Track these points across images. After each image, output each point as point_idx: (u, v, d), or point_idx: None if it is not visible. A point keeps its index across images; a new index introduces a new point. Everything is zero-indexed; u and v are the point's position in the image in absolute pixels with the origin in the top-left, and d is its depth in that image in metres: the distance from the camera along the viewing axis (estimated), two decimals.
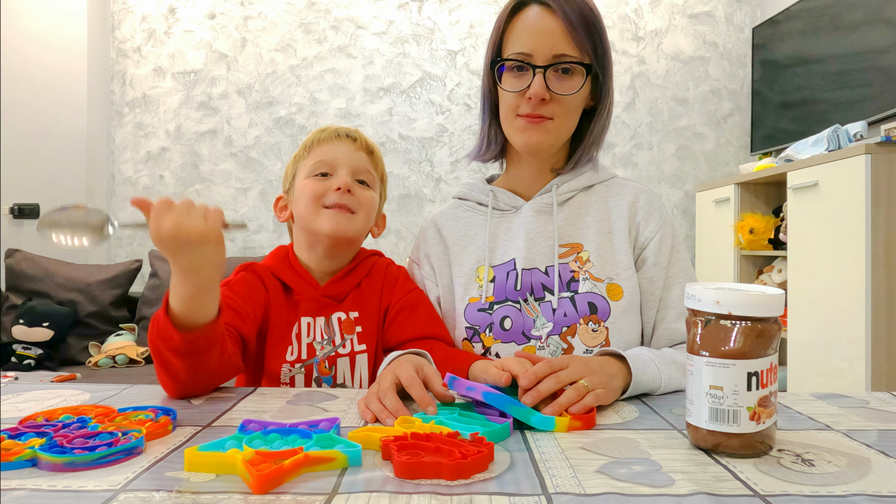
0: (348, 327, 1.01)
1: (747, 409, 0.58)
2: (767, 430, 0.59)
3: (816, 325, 2.20)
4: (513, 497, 0.50)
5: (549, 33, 0.92)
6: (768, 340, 0.59)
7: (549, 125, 0.95)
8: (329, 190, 0.98)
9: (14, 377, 2.36)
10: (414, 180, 3.40)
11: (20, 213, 3.09)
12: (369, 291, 1.04)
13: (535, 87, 0.92)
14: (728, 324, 0.59)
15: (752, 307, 0.58)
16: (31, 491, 0.51)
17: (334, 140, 1.02)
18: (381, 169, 1.08)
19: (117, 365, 2.67)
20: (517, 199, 1.05)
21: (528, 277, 0.99)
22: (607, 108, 1.01)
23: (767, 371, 0.59)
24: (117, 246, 3.44)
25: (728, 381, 0.58)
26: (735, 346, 0.58)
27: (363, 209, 1.00)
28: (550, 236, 1.01)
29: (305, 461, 0.55)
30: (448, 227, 1.08)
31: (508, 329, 0.98)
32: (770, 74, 3.11)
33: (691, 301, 0.61)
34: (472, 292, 1.02)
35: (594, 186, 1.05)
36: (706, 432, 0.60)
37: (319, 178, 0.99)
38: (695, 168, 3.40)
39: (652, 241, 1.00)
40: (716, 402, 0.59)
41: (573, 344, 0.95)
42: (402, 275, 1.07)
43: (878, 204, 1.94)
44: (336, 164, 1.00)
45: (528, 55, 0.93)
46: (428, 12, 3.40)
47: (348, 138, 1.03)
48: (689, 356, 0.62)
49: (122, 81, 3.42)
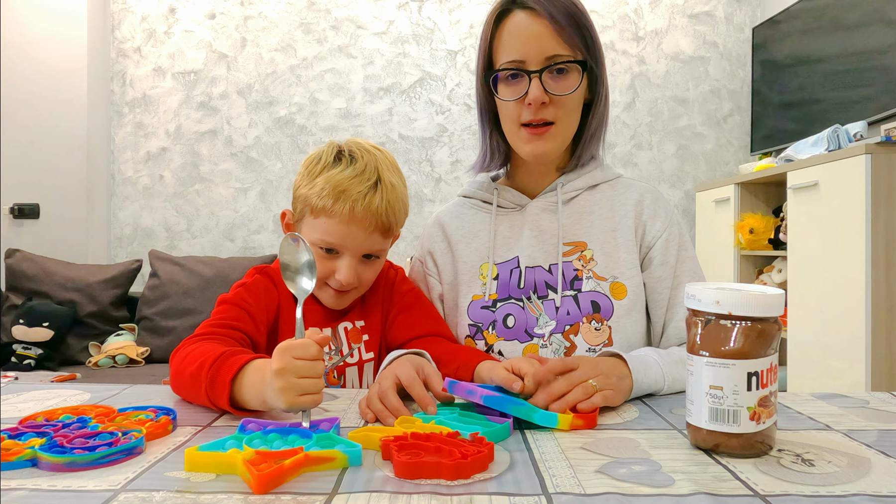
0: (355, 336, 1.01)
1: (747, 409, 0.58)
2: (767, 430, 0.59)
3: (816, 325, 2.20)
4: (513, 497, 0.50)
5: (537, 36, 0.91)
6: (768, 340, 0.59)
7: (552, 131, 0.95)
8: (331, 275, 0.94)
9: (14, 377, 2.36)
10: (414, 180, 3.40)
11: (20, 212, 3.09)
12: (372, 300, 1.03)
13: (534, 92, 0.91)
14: (728, 324, 0.59)
15: (752, 307, 0.58)
16: (31, 491, 0.51)
17: (347, 222, 0.91)
18: (401, 223, 0.99)
19: (117, 365, 2.67)
20: (522, 198, 1.05)
21: (531, 275, 0.99)
22: (603, 99, 1.00)
23: (767, 371, 0.59)
24: (117, 246, 3.44)
25: (728, 381, 0.58)
26: (735, 346, 0.58)
27: (365, 284, 0.98)
28: (554, 234, 1.00)
29: (305, 461, 0.55)
30: (452, 225, 1.08)
31: (511, 327, 0.98)
32: (770, 74, 3.11)
33: (691, 301, 0.61)
34: (475, 290, 1.02)
35: (599, 185, 1.04)
36: (706, 432, 0.60)
37: (325, 253, 0.93)
38: (695, 168, 3.40)
39: (659, 240, 1.00)
40: (716, 402, 0.59)
41: (576, 342, 0.95)
42: (399, 276, 1.07)
43: (878, 204, 1.94)
44: (344, 248, 0.93)
45: (520, 62, 0.93)
46: (428, 12, 3.40)
47: (364, 223, 0.91)
48: (690, 356, 0.62)
49: (122, 81, 3.42)
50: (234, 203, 3.41)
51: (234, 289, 0.96)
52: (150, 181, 3.42)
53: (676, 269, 1.00)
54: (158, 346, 2.76)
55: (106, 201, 3.40)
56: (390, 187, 0.94)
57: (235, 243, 3.42)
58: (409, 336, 1.00)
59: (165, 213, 3.43)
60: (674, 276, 0.99)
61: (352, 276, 0.93)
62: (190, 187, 3.42)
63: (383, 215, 0.93)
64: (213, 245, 3.42)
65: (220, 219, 3.42)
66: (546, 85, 0.92)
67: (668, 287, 0.99)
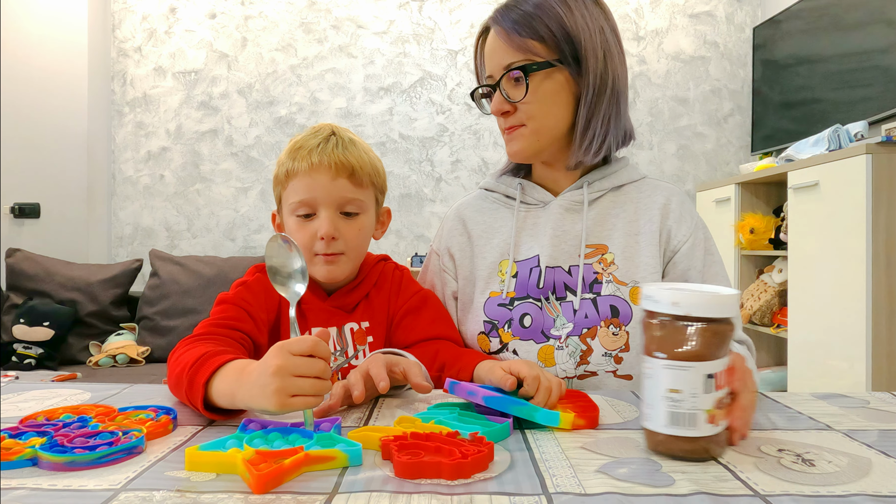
0: (360, 338, 0.99)
1: (705, 413, 0.57)
2: (721, 434, 0.59)
3: (817, 325, 2.20)
4: (513, 497, 0.50)
5: (496, 50, 0.96)
6: (723, 341, 0.58)
7: (522, 131, 0.98)
8: (314, 238, 0.93)
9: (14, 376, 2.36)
10: (414, 180, 3.40)
11: (21, 212, 3.09)
12: (378, 300, 1.02)
13: (494, 104, 0.98)
14: (686, 325, 0.58)
15: (710, 308, 0.57)
16: (31, 490, 0.51)
17: (309, 173, 0.92)
18: (371, 176, 0.98)
19: (118, 364, 2.68)
20: (546, 195, 1.04)
21: (550, 276, 0.98)
22: (593, 90, 0.95)
23: (723, 372, 0.58)
24: (117, 245, 3.44)
25: (687, 383, 0.57)
26: (693, 347, 0.57)
27: (353, 247, 0.96)
28: (576, 235, 1.00)
29: (305, 460, 0.55)
30: (473, 219, 1.08)
31: (528, 326, 0.97)
32: (771, 74, 3.11)
33: (647, 302, 0.60)
34: (493, 286, 1.01)
35: (624, 186, 1.03)
36: (664, 436, 0.58)
37: (303, 220, 0.94)
38: (695, 168, 3.40)
39: (685, 244, 0.99)
40: (674, 406, 0.57)
41: (592, 346, 0.94)
42: (405, 277, 1.06)
43: (878, 204, 1.93)
44: (316, 203, 0.93)
45: (490, 77, 0.99)
46: (428, 12, 3.40)
47: (323, 167, 0.92)
48: (645, 358, 0.60)
49: (123, 81, 3.42)
50: (234, 203, 3.41)
51: (234, 287, 0.95)
52: (151, 181, 3.42)
53: (704, 273, 0.98)
54: (159, 345, 2.77)
55: (106, 201, 3.41)
56: (348, 141, 0.97)
57: (236, 243, 3.42)
58: (416, 339, 0.98)
59: (166, 213, 3.43)
60: (702, 280, 0.98)
61: (330, 227, 0.92)
62: (190, 187, 3.42)
63: (342, 158, 0.93)
64: (213, 245, 3.42)
65: (220, 218, 3.42)
66: (508, 93, 0.96)
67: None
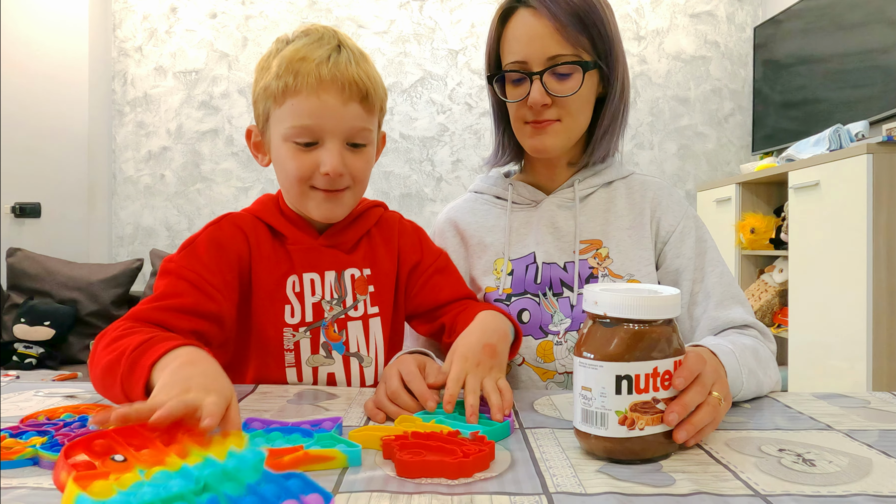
0: (361, 287, 0.90)
1: (616, 413, 0.56)
2: (651, 437, 0.57)
3: (817, 325, 2.20)
4: (514, 496, 0.50)
5: (539, 37, 0.90)
6: (650, 344, 0.57)
7: (556, 127, 0.95)
8: (316, 171, 0.81)
9: (15, 376, 2.37)
10: (415, 180, 3.40)
11: (21, 212, 3.09)
12: (384, 248, 0.94)
13: (534, 95, 0.91)
14: (600, 324, 0.58)
15: (627, 309, 0.56)
16: (31, 489, 0.51)
17: (317, 91, 0.78)
18: (382, 100, 0.86)
19: None
20: (537, 193, 1.04)
21: (547, 272, 0.99)
22: (617, 94, 0.97)
23: (649, 376, 0.56)
24: (118, 245, 3.44)
25: (596, 382, 0.57)
26: (610, 348, 0.57)
27: (359, 181, 0.85)
28: (570, 232, 1.00)
29: (304, 459, 0.55)
30: (465, 220, 1.07)
31: (527, 322, 0.97)
32: (771, 74, 3.10)
33: (584, 301, 0.61)
34: (488, 283, 1.01)
35: (614, 183, 1.04)
36: (580, 433, 0.59)
37: (302, 148, 0.81)
38: (696, 168, 3.40)
39: (673, 233, 0.99)
40: (585, 403, 0.57)
41: None
42: (425, 234, 1.01)
43: (879, 204, 1.93)
44: (322, 132, 0.79)
45: (523, 63, 0.92)
46: (429, 11, 3.40)
47: (336, 87, 0.78)
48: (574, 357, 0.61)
49: (124, 80, 3.42)
50: (235, 202, 3.41)
51: (181, 250, 0.82)
52: (152, 180, 3.42)
53: (696, 260, 0.97)
54: None
55: (107, 200, 3.41)
56: (357, 52, 0.83)
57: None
58: (446, 299, 0.94)
59: (166, 213, 3.43)
60: (695, 268, 0.96)
61: (338, 162, 0.79)
62: (191, 186, 3.42)
63: (356, 76, 0.79)
64: None
65: None
66: (548, 86, 0.91)
67: (690, 280, 0.96)
